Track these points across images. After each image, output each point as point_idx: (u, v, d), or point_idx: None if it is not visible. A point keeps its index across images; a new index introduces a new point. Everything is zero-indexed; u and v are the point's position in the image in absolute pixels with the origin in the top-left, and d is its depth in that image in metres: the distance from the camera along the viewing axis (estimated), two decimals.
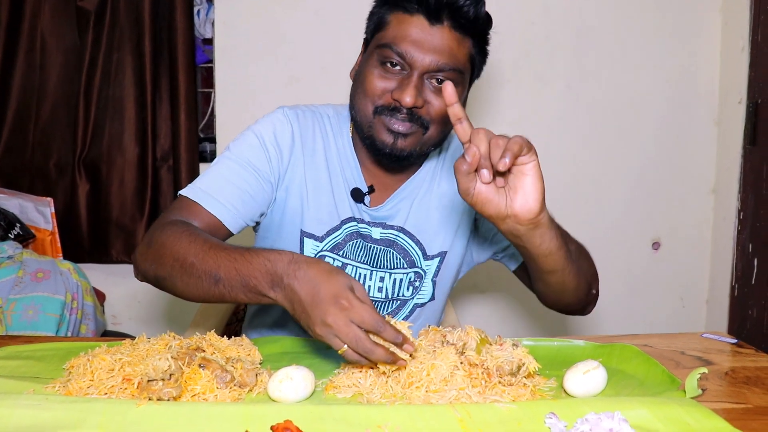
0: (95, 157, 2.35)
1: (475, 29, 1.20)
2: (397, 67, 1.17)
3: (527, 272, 1.29)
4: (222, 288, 1.00)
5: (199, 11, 2.40)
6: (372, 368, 0.92)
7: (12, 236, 2.13)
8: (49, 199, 2.28)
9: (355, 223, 1.29)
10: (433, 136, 1.22)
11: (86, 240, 2.37)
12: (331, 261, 1.28)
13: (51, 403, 0.81)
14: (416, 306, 1.34)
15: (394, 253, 1.31)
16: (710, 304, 2.51)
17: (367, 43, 1.27)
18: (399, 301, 1.33)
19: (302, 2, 2.33)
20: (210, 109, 2.44)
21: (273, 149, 1.25)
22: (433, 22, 1.16)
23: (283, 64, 2.36)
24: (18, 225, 2.18)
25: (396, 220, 1.31)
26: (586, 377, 0.88)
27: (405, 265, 1.31)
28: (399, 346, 0.88)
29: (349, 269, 1.29)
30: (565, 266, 1.12)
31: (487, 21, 1.21)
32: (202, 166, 2.38)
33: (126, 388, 0.86)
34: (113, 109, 2.35)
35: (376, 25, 1.23)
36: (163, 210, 2.38)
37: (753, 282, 2.24)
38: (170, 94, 2.34)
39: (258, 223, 1.33)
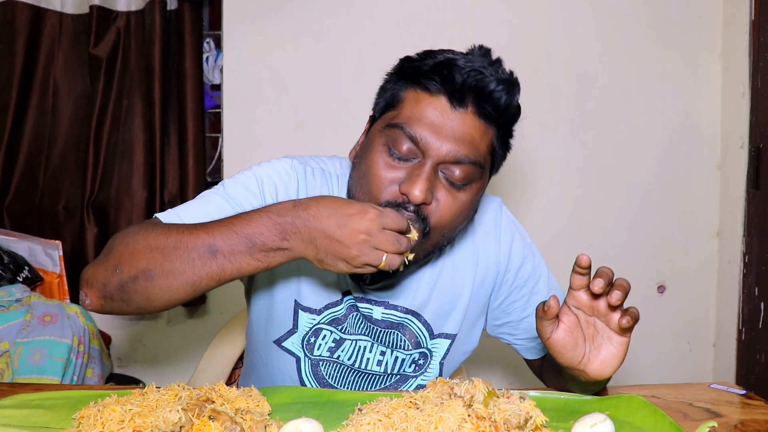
0: (104, 201, 2.38)
1: (503, 118, 1.06)
2: (407, 156, 1.02)
3: (538, 365, 1.28)
4: (221, 259, 0.91)
5: (207, 58, 2.45)
6: (380, 420, 0.92)
7: (20, 279, 2.15)
8: (57, 242, 2.30)
9: (352, 300, 1.19)
10: (432, 244, 1.07)
11: None
12: (328, 334, 1.19)
13: None
14: (420, 387, 1.24)
15: (399, 334, 1.21)
16: (717, 348, 2.50)
17: (373, 121, 1.12)
18: (399, 376, 1.25)
19: (308, 51, 2.38)
20: (217, 154, 2.47)
21: (271, 201, 1.09)
22: (455, 105, 1.01)
23: (289, 110, 2.40)
24: (27, 268, 2.19)
25: (400, 300, 1.19)
26: (594, 430, 0.88)
27: (410, 347, 1.22)
28: None
29: (347, 343, 1.20)
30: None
31: (517, 111, 1.09)
32: None
33: None
34: (122, 153, 2.39)
35: (387, 102, 1.08)
36: None
37: (760, 326, 2.23)
38: (179, 139, 2.38)
39: (249, 291, 1.26)
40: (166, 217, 1.05)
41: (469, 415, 0.90)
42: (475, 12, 2.39)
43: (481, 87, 1.01)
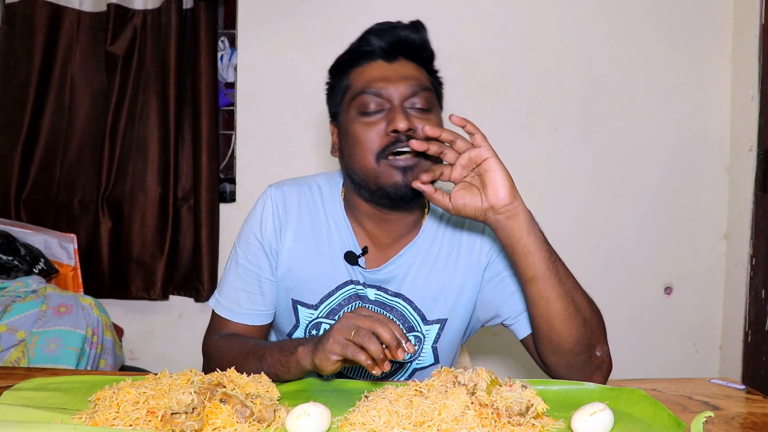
0: (118, 196, 2.42)
1: (423, 58, 1.28)
2: (377, 110, 1.21)
3: (534, 342, 1.26)
4: (268, 370, 1.16)
5: (222, 57, 2.48)
6: (386, 407, 0.95)
7: (36, 271, 2.19)
8: (72, 235, 2.34)
9: (352, 286, 1.30)
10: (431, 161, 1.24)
11: (107, 276, 2.43)
12: (327, 327, 1.29)
13: None
14: (416, 370, 1.34)
15: (392, 317, 1.28)
16: (724, 350, 2.51)
17: (335, 116, 1.32)
18: (397, 364, 1.31)
19: (321, 50, 2.40)
20: (231, 151, 2.51)
21: (267, 244, 1.32)
22: (390, 60, 1.25)
23: (301, 109, 2.43)
24: (42, 260, 2.23)
25: (392, 285, 1.30)
26: (593, 419, 0.90)
27: (404, 330, 1.26)
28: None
29: None
30: (547, 276, 1.12)
31: (432, 52, 1.31)
32: (222, 207, 2.45)
33: (150, 421, 0.90)
34: (137, 149, 2.43)
35: (342, 93, 1.29)
36: (182, 249, 2.45)
37: (766, 328, 2.24)
38: (193, 136, 2.42)
39: None
40: (219, 310, 1.34)
41: (472, 403, 0.93)
42: (487, 14, 2.42)
43: (398, 39, 1.25)
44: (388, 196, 1.21)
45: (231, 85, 2.50)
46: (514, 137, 2.44)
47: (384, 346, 1.02)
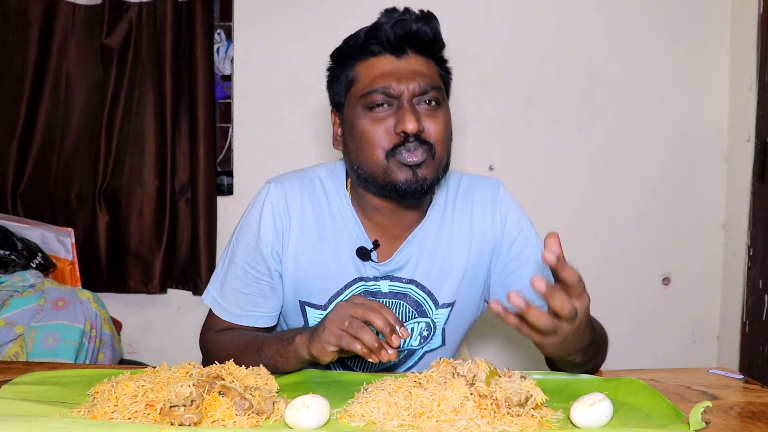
0: (115, 189, 2.42)
1: (434, 50, 1.25)
2: (385, 105, 1.18)
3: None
4: (267, 362, 1.16)
5: (218, 49, 2.47)
6: (385, 398, 0.95)
7: (34, 265, 2.18)
8: (70, 229, 2.34)
9: (362, 283, 1.28)
10: (441, 158, 1.21)
11: (105, 270, 2.42)
12: None
13: (78, 426, 0.85)
14: (426, 353, 1.34)
15: (406, 305, 1.29)
16: (721, 340, 2.51)
17: (338, 107, 1.28)
18: (406, 351, 1.32)
19: (317, 43, 2.40)
20: (228, 144, 2.50)
21: (266, 248, 1.27)
22: (399, 55, 1.21)
23: (298, 101, 2.42)
24: (40, 254, 2.23)
25: (405, 272, 1.28)
26: (592, 409, 0.90)
27: (416, 315, 1.30)
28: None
29: None
30: (578, 353, 1.12)
31: (442, 42, 1.27)
32: (220, 200, 2.44)
33: (149, 414, 0.90)
34: (134, 142, 2.42)
35: (346, 85, 1.24)
36: (180, 242, 2.44)
37: (764, 318, 2.25)
38: (189, 129, 2.40)
39: None
40: (218, 310, 1.32)
41: (471, 394, 0.93)
42: (485, 6, 2.41)
43: (408, 32, 1.20)
44: (396, 191, 1.19)
45: (228, 78, 2.49)
46: (513, 129, 2.44)
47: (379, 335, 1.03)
